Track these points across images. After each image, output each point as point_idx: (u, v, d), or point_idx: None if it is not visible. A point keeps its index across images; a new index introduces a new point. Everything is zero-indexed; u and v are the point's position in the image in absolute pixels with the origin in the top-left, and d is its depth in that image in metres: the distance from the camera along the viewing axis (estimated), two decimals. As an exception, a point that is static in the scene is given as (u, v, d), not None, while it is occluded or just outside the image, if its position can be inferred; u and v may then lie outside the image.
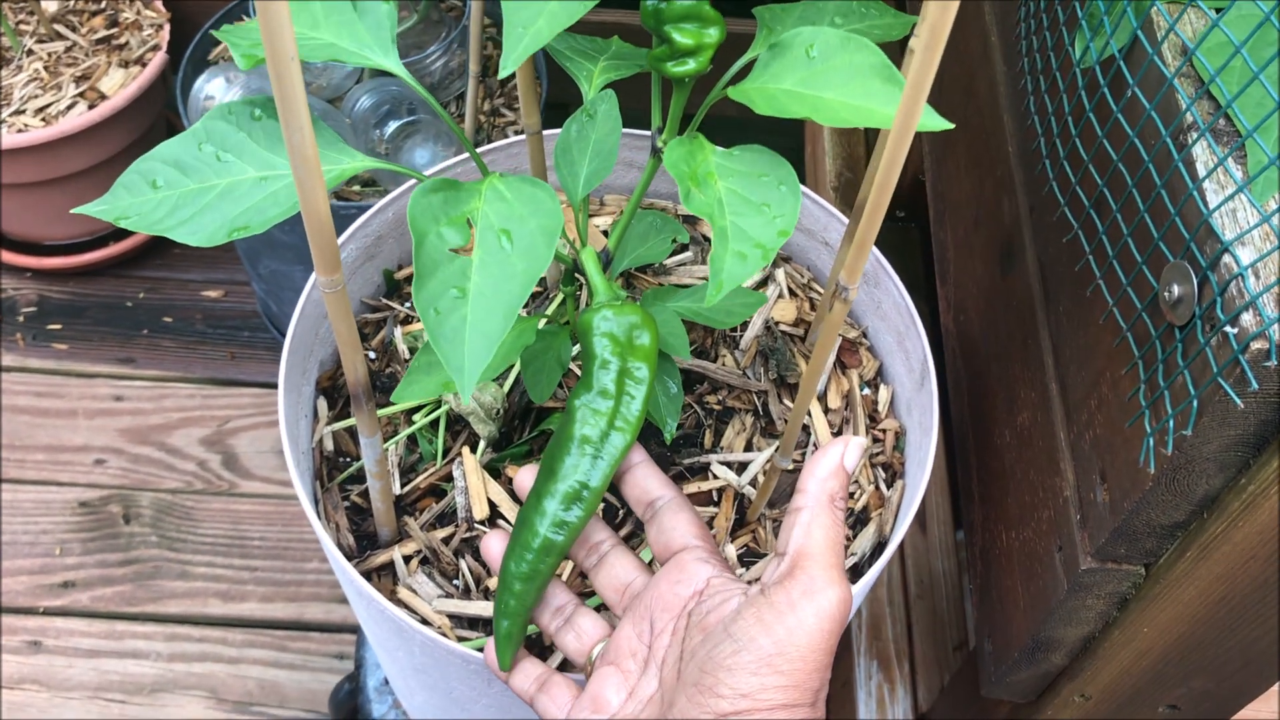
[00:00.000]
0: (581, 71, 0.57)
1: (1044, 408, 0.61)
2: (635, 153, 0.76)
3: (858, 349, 0.73)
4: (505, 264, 0.44)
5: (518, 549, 0.52)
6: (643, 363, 0.52)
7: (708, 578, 0.49)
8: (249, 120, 0.50)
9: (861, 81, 0.46)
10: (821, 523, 0.46)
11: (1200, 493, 0.48)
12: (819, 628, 0.43)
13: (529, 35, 0.46)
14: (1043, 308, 0.63)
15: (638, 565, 0.53)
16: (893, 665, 0.88)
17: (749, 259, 0.45)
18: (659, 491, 0.53)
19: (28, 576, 1.32)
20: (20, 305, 1.52)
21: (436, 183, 0.46)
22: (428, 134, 1.19)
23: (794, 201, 0.47)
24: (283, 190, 0.49)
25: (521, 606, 0.52)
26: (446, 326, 0.43)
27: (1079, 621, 0.58)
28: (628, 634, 0.50)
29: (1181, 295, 0.46)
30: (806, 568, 0.45)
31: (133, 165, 0.50)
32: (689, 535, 0.51)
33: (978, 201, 0.76)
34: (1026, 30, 0.64)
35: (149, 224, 0.49)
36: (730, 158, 0.49)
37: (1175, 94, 0.48)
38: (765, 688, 0.43)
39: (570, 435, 0.52)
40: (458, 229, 0.45)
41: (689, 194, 0.46)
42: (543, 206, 0.46)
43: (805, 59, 0.47)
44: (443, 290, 0.44)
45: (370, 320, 0.73)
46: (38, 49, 1.38)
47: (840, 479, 0.47)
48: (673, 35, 0.48)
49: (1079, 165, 0.56)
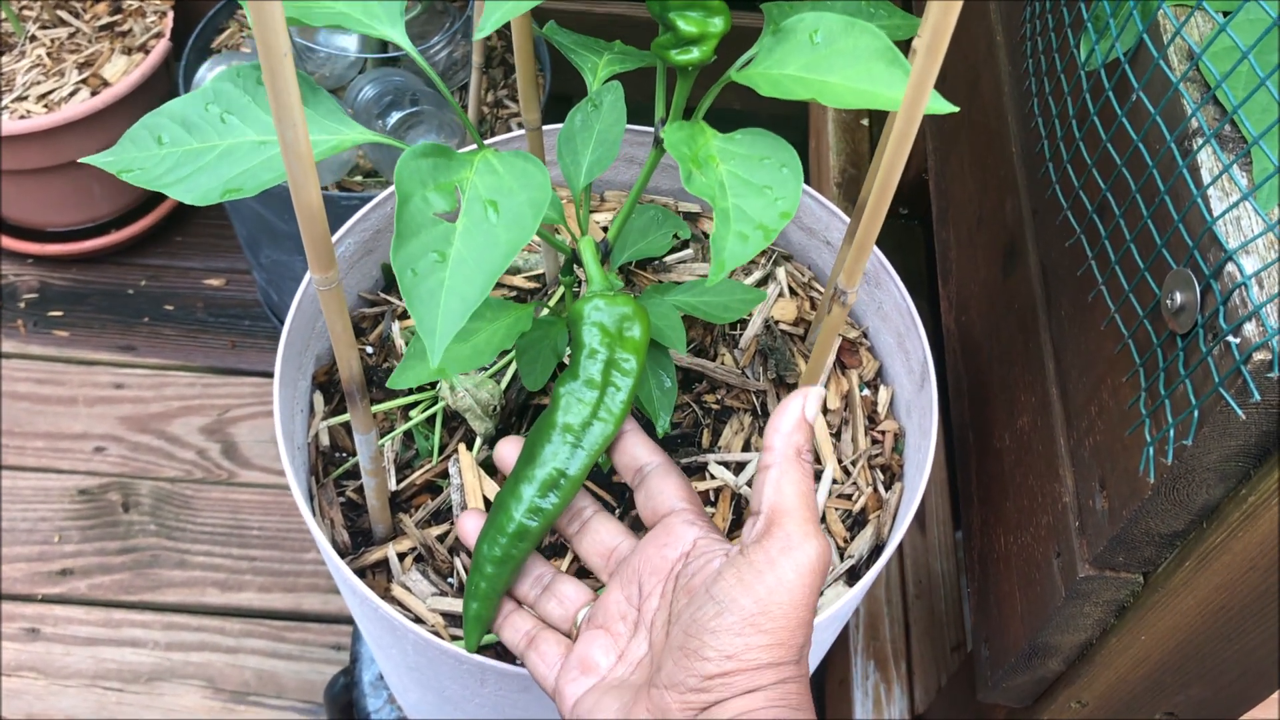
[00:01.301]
0: (586, 63, 0.57)
1: (1044, 412, 0.60)
2: (636, 148, 0.75)
3: (858, 349, 0.72)
4: (489, 233, 0.44)
5: (492, 532, 0.52)
6: (631, 355, 0.52)
7: (694, 539, 0.49)
8: (254, 85, 0.50)
9: (866, 65, 0.45)
10: (791, 477, 0.46)
11: (1200, 502, 0.48)
12: (799, 583, 0.44)
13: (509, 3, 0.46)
14: (1044, 311, 0.62)
15: (622, 530, 0.54)
16: (890, 665, 0.88)
17: (750, 240, 0.45)
18: (647, 458, 0.53)
19: (26, 563, 1.32)
20: (21, 292, 1.52)
21: (428, 147, 0.46)
22: (430, 124, 1.18)
23: (796, 183, 0.46)
24: (278, 156, 0.49)
25: (492, 590, 0.52)
26: (423, 288, 0.43)
27: (1076, 628, 0.58)
28: (616, 598, 0.50)
29: (1184, 303, 0.46)
30: (782, 524, 0.45)
31: (141, 119, 0.50)
32: (676, 499, 0.51)
33: (981, 201, 0.75)
34: (1031, 31, 0.64)
35: (150, 179, 0.49)
36: (732, 141, 0.48)
37: (1181, 99, 0.47)
38: (750, 647, 0.43)
39: (553, 422, 0.52)
40: (445, 195, 0.45)
41: (690, 175, 0.46)
42: (533, 180, 0.45)
43: (809, 44, 0.46)
44: (422, 252, 0.43)
45: (368, 315, 0.73)
46: (41, 35, 1.37)
47: (804, 431, 0.47)
48: (677, 22, 0.48)
49: (1082, 169, 0.55)
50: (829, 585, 0.64)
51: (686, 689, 0.43)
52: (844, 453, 0.68)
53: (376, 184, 1.17)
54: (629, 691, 0.46)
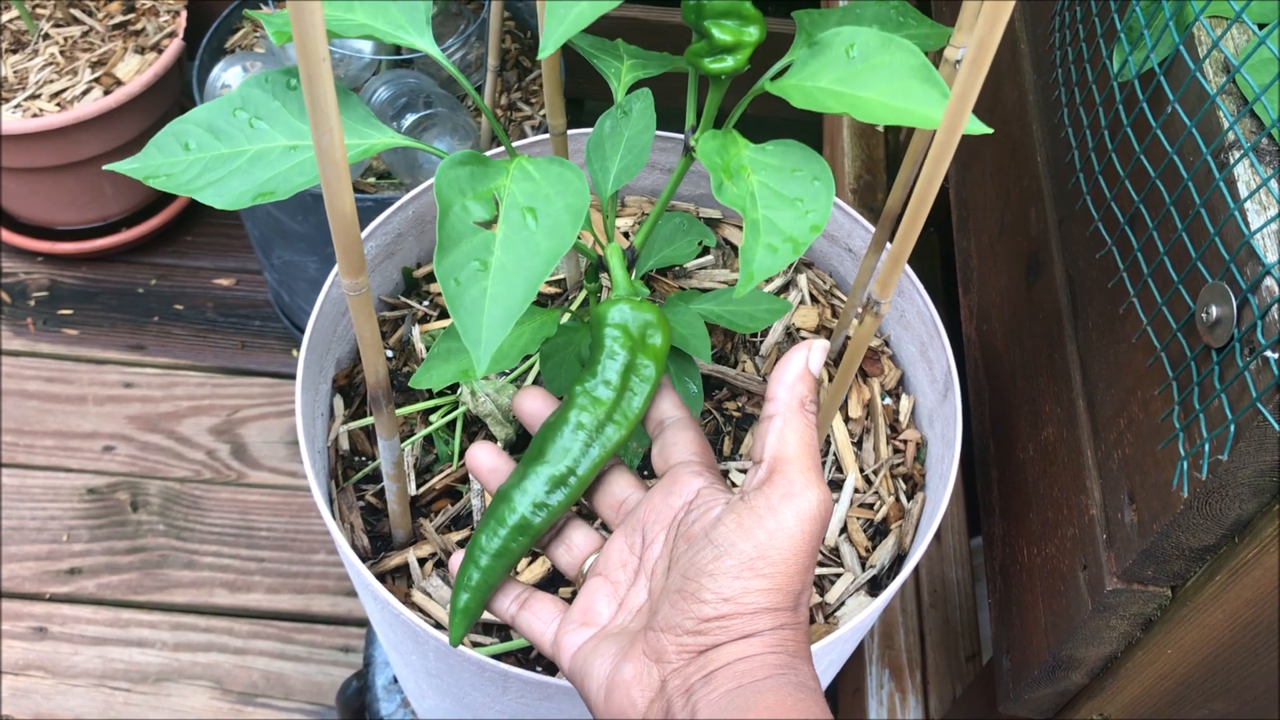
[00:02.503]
0: (609, 69, 0.56)
1: (1070, 424, 0.60)
2: (661, 154, 0.75)
3: (879, 357, 0.72)
4: (529, 241, 0.44)
5: (492, 523, 0.50)
6: (651, 361, 0.52)
7: (699, 489, 0.48)
8: (284, 89, 0.50)
9: (901, 82, 0.45)
10: (795, 427, 0.46)
11: (1232, 517, 0.48)
12: (799, 530, 0.43)
13: (571, 17, 0.46)
14: (1070, 322, 0.62)
15: (635, 482, 0.53)
16: (905, 674, 0.87)
17: (780, 252, 0.45)
18: (671, 412, 0.53)
19: (35, 562, 1.31)
20: (32, 290, 1.52)
21: (465, 155, 0.46)
22: (444, 126, 1.18)
23: (827, 196, 0.46)
24: (310, 160, 0.49)
25: (485, 583, 0.51)
26: (466, 297, 0.43)
27: (1102, 641, 0.57)
28: (619, 546, 0.50)
29: (1220, 317, 0.45)
30: (785, 471, 0.45)
31: (167, 126, 0.50)
32: (688, 451, 0.51)
33: (1003, 210, 0.75)
34: (1061, 40, 0.63)
35: (178, 184, 0.49)
36: (763, 152, 0.48)
37: (1217, 111, 0.47)
38: (747, 591, 0.43)
39: (566, 419, 0.51)
40: (483, 203, 0.45)
41: (721, 185, 0.46)
42: (570, 186, 0.45)
43: (845, 58, 0.46)
44: (464, 261, 0.43)
45: (388, 319, 0.72)
46: (54, 33, 1.37)
47: (808, 383, 0.47)
48: (712, 31, 0.47)
49: (1114, 180, 0.55)
50: (850, 596, 0.63)
51: (683, 631, 0.43)
52: (865, 462, 0.67)
53: (390, 185, 1.16)
54: (626, 637, 0.46)
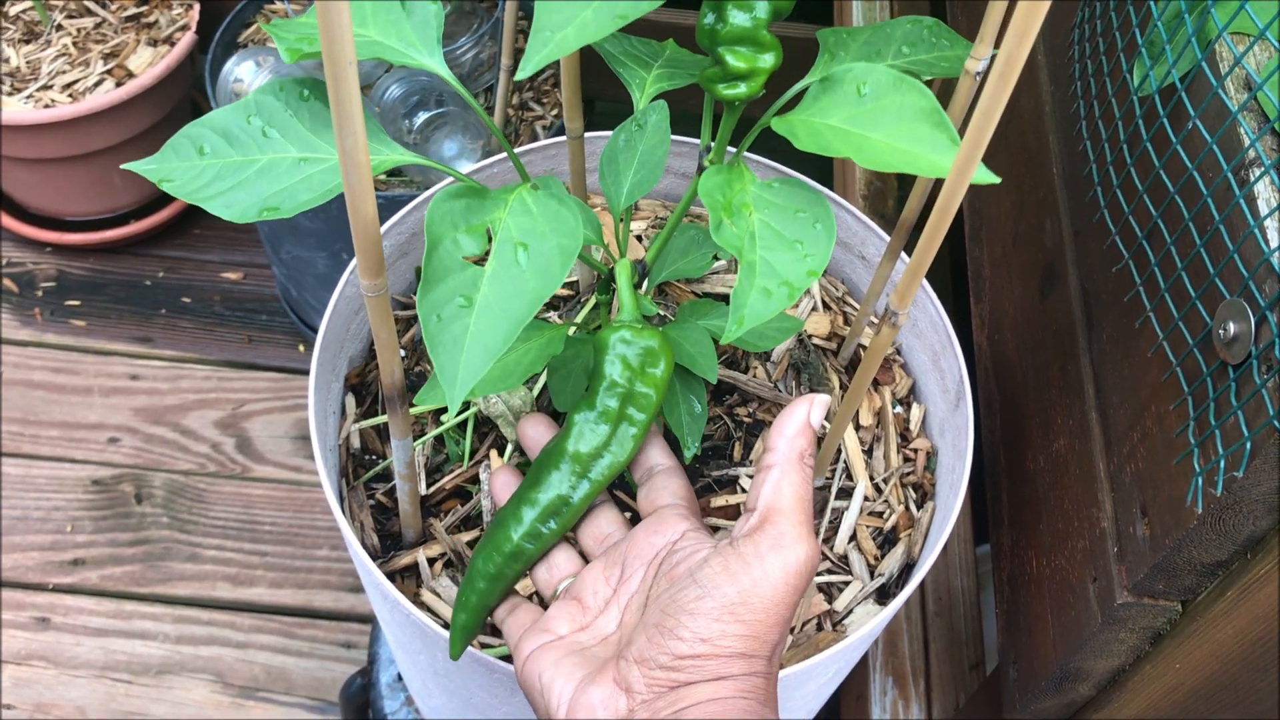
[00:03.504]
0: (634, 79, 0.56)
1: (1082, 436, 0.60)
2: (678, 159, 0.75)
3: (891, 366, 0.72)
4: (518, 279, 0.44)
5: (489, 548, 0.52)
6: (651, 389, 0.52)
7: (684, 530, 0.49)
8: (298, 100, 0.49)
9: (910, 124, 0.44)
10: (791, 479, 0.46)
11: (1245, 534, 0.48)
12: (784, 581, 0.44)
13: (555, 41, 0.45)
14: (1084, 334, 0.62)
15: (622, 522, 0.54)
16: (908, 682, 0.87)
17: (774, 296, 0.44)
18: (660, 459, 0.54)
19: (38, 552, 1.32)
20: (39, 280, 1.52)
21: (461, 188, 0.46)
22: (456, 125, 1.18)
23: (828, 242, 0.45)
24: (318, 175, 0.49)
25: (482, 604, 0.53)
26: (447, 334, 0.43)
27: (1110, 654, 0.57)
28: (595, 574, 0.51)
29: (1237, 333, 0.45)
30: (776, 522, 0.45)
31: (184, 129, 0.50)
32: (675, 496, 0.52)
33: (1017, 220, 0.75)
34: (1080, 53, 0.63)
35: (188, 192, 0.49)
36: (769, 189, 0.48)
37: (1238, 128, 0.47)
38: (725, 634, 0.43)
39: (563, 450, 0.52)
40: (475, 237, 0.45)
41: (720, 225, 0.45)
42: (564, 225, 0.45)
43: (855, 96, 0.46)
44: (449, 297, 0.43)
45: (401, 318, 0.72)
46: (67, 24, 1.37)
47: (808, 436, 0.48)
48: (726, 58, 0.47)
49: (1133, 194, 0.55)
50: (858, 604, 0.63)
51: (656, 665, 0.43)
52: (876, 470, 0.67)
53: (402, 183, 1.16)
54: (594, 662, 0.46)
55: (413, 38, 0.51)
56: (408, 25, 0.51)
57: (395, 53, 0.51)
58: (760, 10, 0.46)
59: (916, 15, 0.54)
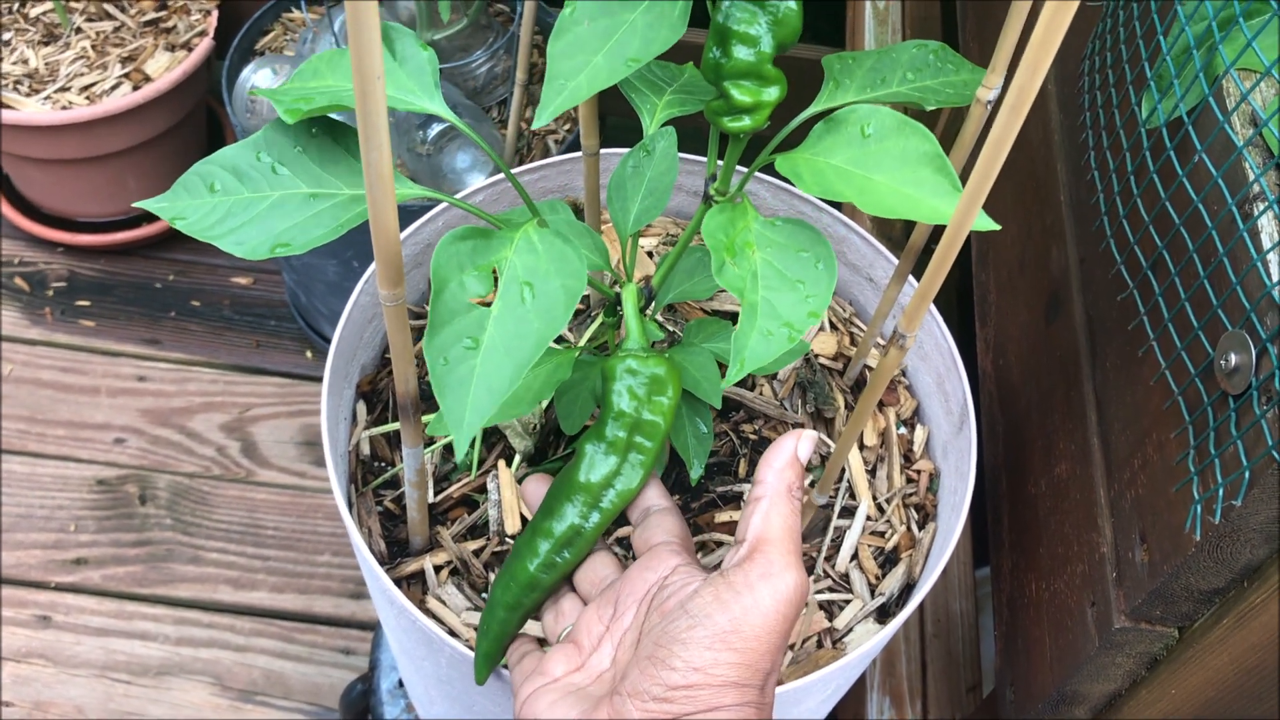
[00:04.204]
0: (645, 104, 0.57)
1: (1084, 462, 0.61)
2: (688, 177, 0.76)
3: (896, 387, 0.73)
4: (523, 321, 0.44)
5: (507, 579, 0.54)
6: (659, 417, 0.53)
7: (675, 565, 0.50)
8: (306, 136, 0.50)
9: (912, 169, 0.45)
10: (780, 511, 0.47)
11: (1243, 562, 0.48)
12: (775, 610, 0.45)
13: (569, 89, 0.46)
14: (1088, 361, 0.63)
15: (618, 566, 0.55)
16: (905, 703, 0.88)
17: (774, 338, 0.44)
18: (656, 501, 0.55)
19: (41, 550, 1.32)
20: (50, 280, 1.53)
21: (467, 230, 0.46)
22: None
23: (829, 282, 0.46)
24: (328, 211, 0.50)
25: (503, 631, 0.55)
26: (453, 377, 0.43)
27: (1107, 678, 0.58)
28: (590, 615, 0.52)
29: (1238, 365, 0.46)
30: (765, 551, 0.46)
31: (194, 166, 0.51)
32: (669, 533, 0.53)
33: (1024, 247, 0.76)
34: (1090, 85, 0.64)
35: (201, 229, 0.50)
36: (772, 228, 0.48)
37: (1243, 163, 0.48)
38: (718, 663, 0.44)
39: (574, 481, 0.53)
40: (481, 278, 0.46)
41: (722, 266, 0.46)
42: (568, 265, 0.46)
43: (859, 137, 0.46)
44: (455, 340, 0.44)
45: (414, 328, 0.73)
46: (86, 27, 1.39)
47: (796, 469, 0.49)
48: (731, 91, 0.48)
49: (1139, 224, 0.56)
50: (859, 622, 0.64)
51: (650, 698, 0.44)
52: (879, 490, 0.68)
53: (413, 193, 1.17)
54: (588, 699, 0.47)
55: (409, 84, 0.52)
56: (401, 74, 0.52)
57: (394, 100, 0.51)
58: (764, 45, 0.46)
59: (922, 40, 0.55)
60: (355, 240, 1.23)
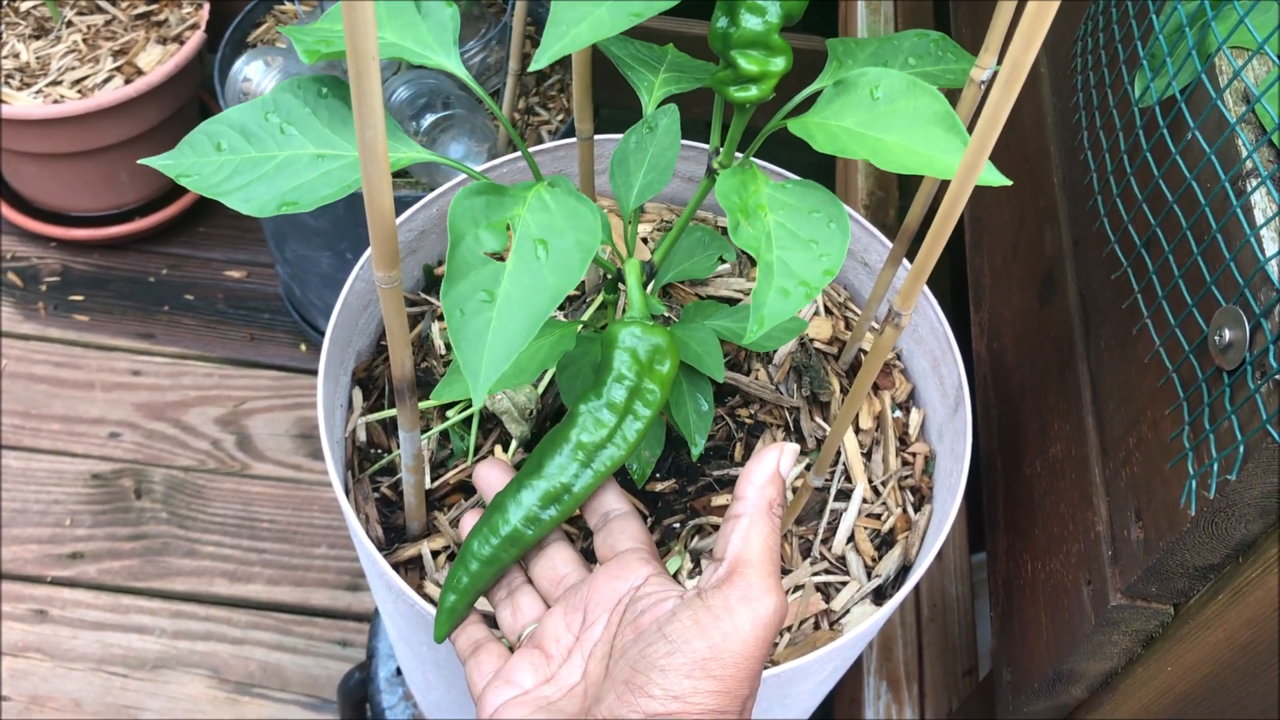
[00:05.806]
0: (642, 82, 0.57)
1: (1079, 441, 0.61)
2: (684, 164, 0.76)
3: (891, 371, 0.73)
4: (538, 275, 0.44)
5: (485, 530, 0.52)
6: (657, 386, 0.53)
7: (647, 575, 0.49)
8: (315, 97, 0.50)
9: (923, 128, 0.45)
10: (760, 530, 0.46)
11: (1237, 537, 0.49)
12: (754, 635, 0.44)
13: (569, 36, 0.46)
14: (1082, 341, 0.63)
15: (577, 560, 0.54)
16: (902, 687, 0.88)
17: (792, 295, 0.45)
18: (615, 504, 0.54)
19: (37, 545, 1.32)
20: (44, 274, 1.53)
21: (481, 186, 0.46)
22: (463, 128, 1.19)
23: (843, 240, 0.46)
24: (336, 171, 0.50)
25: (473, 586, 0.52)
26: (470, 329, 0.43)
27: (1103, 656, 0.58)
28: (556, 621, 0.50)
29: (1232, 340, 0.46)
30: (745, 574, 0.45)
31: (200, 125, 0.50)
32: (635, 540, 0.52)
33: (1017, 229, 0.76)
34: (1083, 65, 0.65)
35: (207, 186, 0.49)
36: (783, 190, 0.48)
37: (1236, 139, 0.48)
38: (697, 691, 0.43)
39: (567, 437, 0.52)
40: (496, 234, 0.45)
41: (738, 226, 0.46)
42: (583, 222, 0.46)
43: (869, 99, 0.46)
44: (471, 292, 0.44)
45: (409, 314, 0.73)
46: (77, 21, 1.38)
47: (777, 485, 0.47)
48: (738, 60, 0.48)
49: (1132, 203, 0.56)
50: (855, 604, 0.64)
51: None
52: (874, 473, 0.68)
53: (407, 184, 1.17)
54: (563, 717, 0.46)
55: (429, 39, 0.52)
56: (424, 28, 0.52)
57: (413, 54, 0.51)
58: (772, 14, 0.47)
59: (923, 30, 0.55)
60: (350, 232, 1.23)
